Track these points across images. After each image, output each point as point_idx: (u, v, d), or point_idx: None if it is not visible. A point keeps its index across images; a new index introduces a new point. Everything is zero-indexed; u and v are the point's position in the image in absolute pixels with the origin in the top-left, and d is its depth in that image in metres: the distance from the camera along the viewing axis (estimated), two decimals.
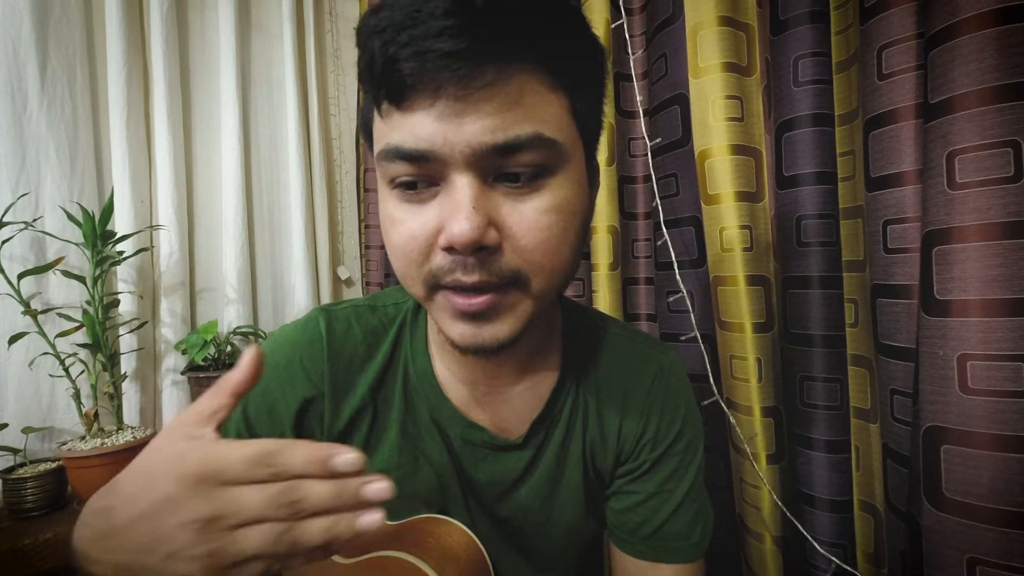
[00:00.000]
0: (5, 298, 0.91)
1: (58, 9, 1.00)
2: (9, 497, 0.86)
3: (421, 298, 0.38)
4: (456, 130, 0.32)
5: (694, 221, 0.75)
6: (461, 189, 0.33)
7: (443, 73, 0.31)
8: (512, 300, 0.36)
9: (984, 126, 0.47)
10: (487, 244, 0.34)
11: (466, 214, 0.33)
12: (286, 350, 0.47)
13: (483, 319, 0.36)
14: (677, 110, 0.75)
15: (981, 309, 0.47)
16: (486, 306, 0.35)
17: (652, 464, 0.49)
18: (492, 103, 0.32)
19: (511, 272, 0.35)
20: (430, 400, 0.48)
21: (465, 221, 0.33)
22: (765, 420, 0.69)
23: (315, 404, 0.47)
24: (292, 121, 1.31)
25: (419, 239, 0.35)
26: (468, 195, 0.33)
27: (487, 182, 0.34)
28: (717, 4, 0.70)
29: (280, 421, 0.47)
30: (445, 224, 0.34)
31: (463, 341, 0.37)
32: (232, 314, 1.21)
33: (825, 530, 0.67)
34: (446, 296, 0.36)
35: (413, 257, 0.36)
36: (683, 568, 0.48)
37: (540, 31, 0.33)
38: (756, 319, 0.70)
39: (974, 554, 0.47)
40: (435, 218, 0.35)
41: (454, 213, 0.33)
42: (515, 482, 0.49)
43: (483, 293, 0.35)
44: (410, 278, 0.37)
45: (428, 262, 0.36)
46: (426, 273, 0.36)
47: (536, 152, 0.34)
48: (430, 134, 0.33)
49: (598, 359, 0.51)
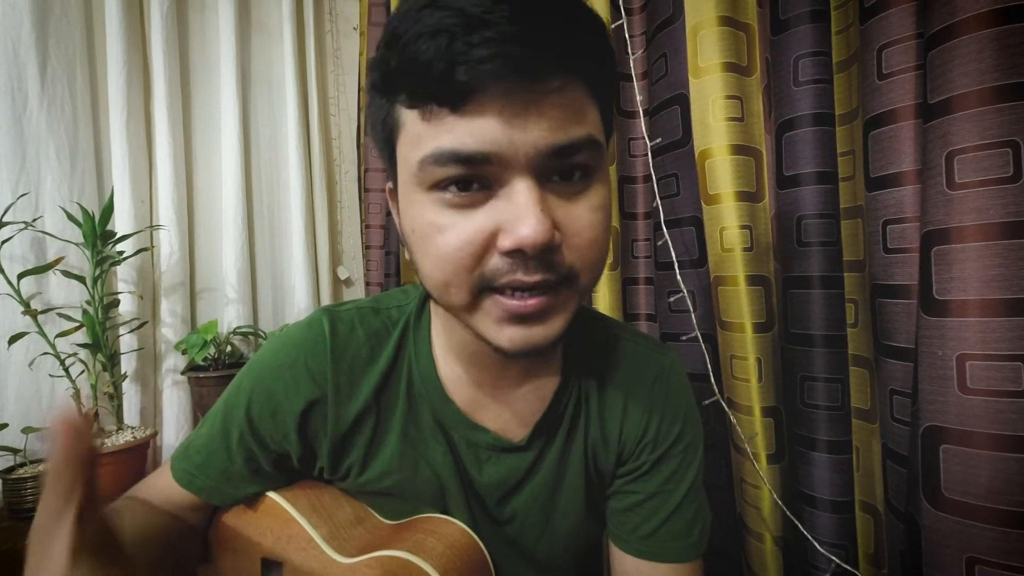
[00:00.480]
0: (5, 298, 0.91)
1: (58, 9, 1.00)
2: (9, 497, 0.86)
3: (463, 306, 0.37)
4: (521, 132, 0.33)
5: (695, 221, 0.75)
6: (524, 192, 0.34)
7: (511, 73, 0.31)
8: (563, 299, 0.37)
9: (983, 126, 0.46)
10: (553, 244, 0.34)
11: (535, 216, 0.33)
12: (290, 350, 0.47)
13: (534, 320, 0.36)
14: (677, 110, 0.75)
15: (980, 309, 0.47)
16: (540, 307, 0.36)
17: (652, 464, 0.50)
18: (553, 108, 0.33)
19: (567, 269, 0.36)
20: (434, 402, 0.48)
21: (536, 223, 0.33)
22: (765, 420, 0.69)
23: (319, 406, 0.47)
24: (292, 121, 1.31)
25: (474, 243, 0.34)
26: (533, 197, 0.33)
27: (543, 184, 0.35)
28: (717, 4, 0.70)
29: (284, 423, 0.47)
30: (506, 227, 0.34)
31: (513, 345, 0.37)
32: (232, 314, 1.21)
33: (826, 530, 0.67)
34: (496, 300, 0.36)
35: (465, 263, 0.35)
36: (682, 567, 0.48)
37: (588, 46, 0.35)
38: (756, 319, 0.70)
39: (973, 554, 0.47)
40: (491, 222, 0.34)
41: (519, 216, 0.33)
42: (517, 484, 0.49)
43: (537, 295, 0.35)
44: (455, 285, 0.36)
45: (480, 266, 0.35)
46: (477, 278, 0.35)
47: (588, 153, 0.35)
48: (495, 136, 0.33)
49: (599, 361, 0.51)
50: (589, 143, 0.35)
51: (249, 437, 0.47)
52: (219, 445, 0.48)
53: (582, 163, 0.35)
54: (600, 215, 0.37)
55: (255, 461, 0.49)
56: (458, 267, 0.35)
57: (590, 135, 0.35)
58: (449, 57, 0.31)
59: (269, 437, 0.48)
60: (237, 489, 0.50)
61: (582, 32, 0.35)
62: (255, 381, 0.48)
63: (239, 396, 0.48)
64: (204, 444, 0.49)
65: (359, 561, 0.44)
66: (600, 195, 0.37)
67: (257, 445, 0.48)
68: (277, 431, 0.47)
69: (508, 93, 0.32)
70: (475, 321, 0.38)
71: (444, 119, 0.33)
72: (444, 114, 0.33)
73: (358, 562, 0.44)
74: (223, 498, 0.50)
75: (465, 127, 0.33)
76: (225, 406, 0.49)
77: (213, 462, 0.49)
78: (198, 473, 0.49)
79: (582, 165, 0.36)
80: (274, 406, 0.47)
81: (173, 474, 0.49)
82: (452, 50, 0.31)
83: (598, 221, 0.37)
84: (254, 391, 0.47)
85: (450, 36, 0.31)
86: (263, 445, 0.48)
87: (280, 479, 0.51)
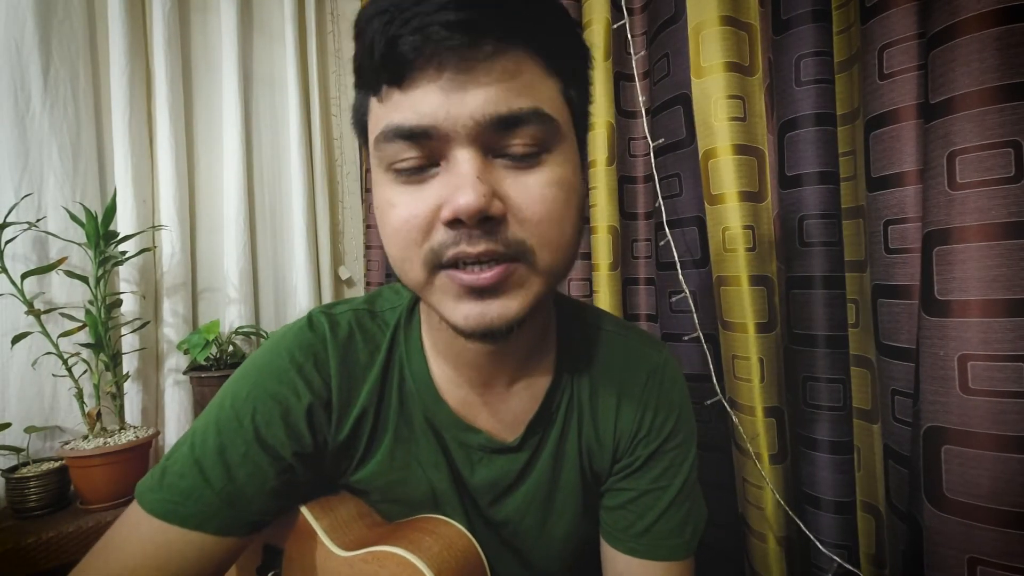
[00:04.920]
0: (8, 298, 0.91)
1: (61, 10, 1.00)
2: (12, 496, 0.86)
3: (420, 283, 0.37)
4: (459, 103, 0.33)
5: (697, 221, 0.75)
6: (464, 163, 0.34)
7: (444, 45, 0.32)
8: (520, 275, 0.36)
9: (985, 126, 0.46)
10: (493, 214, 0.34)
11: (471, 184, 0.33)
12: (294, 352, 0.45)
13: (490, 295, 0.35)
14: (680, 110, 0.75)
15: (982, 309, 0.47)
16: (494, 279, 0.35)
17: (645, 460, 0.49)
18: (492, 76, 0.33)
19: (517, 243, 0.35)
20: (426, 403, 0.47)
21: (471, 190, 0.32)
22: (768, 420, 0.69)
23: (325, 408, 0.45)
24: (294, 121, 1.31)
25: (419, 217, 0.35)
26: (472, 167, 0.33)
27: (488, 158, 0.35)
28: (719, 4, 0.70)
29: (296, 425, 0.44)
30: (448, 198, 0.34)
31: (468, 323, 0.36)
32: (234, 314, 1.21)
33: (829, 531, 0.67)
34: (449, 276, 0.35)
35: (412, 236, 0.35)
36: (674, 566, 0.48)
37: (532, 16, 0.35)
38: (759, 319, 0.70)
39: (975, 554, 0.47)
40: (436, 196, 0.34)
41: (458, 187, 0.33)
42: (511, 485, 0.49)
43: (490, 266, 0.35)
44: (408, 262, 0.36)
45: (428, 240, 0.35)
46: (426, 253, 0.35)
47: (536, 127, 0.35)
48: (433, 109, 0.33)
49: (592, 358, 0.51)
50: (536, 115, 0.34)
51: (255, 448, 0.42)
52: (214, 462, 0.41)
53: (531, 136, 0.35)
54: (555, 191, 0.36)
55: (262, 475, 0.43)
56: (407, 241, 0.36)
57: (536, 108, 0.34)
58: (388, 32, 0.32)
59: (279, 444, 0.43)
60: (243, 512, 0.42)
61: (533, 5, 0.34)
62: (254, 388, 0.44)
63: (238, 405, 0.43)
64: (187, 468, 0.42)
65: (356, 555, 0.44)
66: (557, 172, 0.36)
67: (264, 455, 0.43)
68: (290, 434, 0.43)
69: (441, 64, 0.32)
70: (434, 300, 0.37)
71: (393, 97, 0.34)
72: (393, 93, 0.34)
73: (355, 556, 0.44)
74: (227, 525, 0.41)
75: (408, 103, 0.34)
76: (216, 419, 0.43)
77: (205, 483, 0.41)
78: (184, 498, 0.40)
79: (531, 139, 0.35)
80: (284, 410, 0.43)
81: (147, 508, 0.40)
82: (390, 27, 0.32)
83: (551, 196, 0.36)
84: (256, 398, 0.43)
85: (390, 16, 0.32)
86: (272, 455, 0.43)
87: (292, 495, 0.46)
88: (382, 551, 0.43)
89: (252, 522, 0.43)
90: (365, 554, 0.43)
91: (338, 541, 0.45)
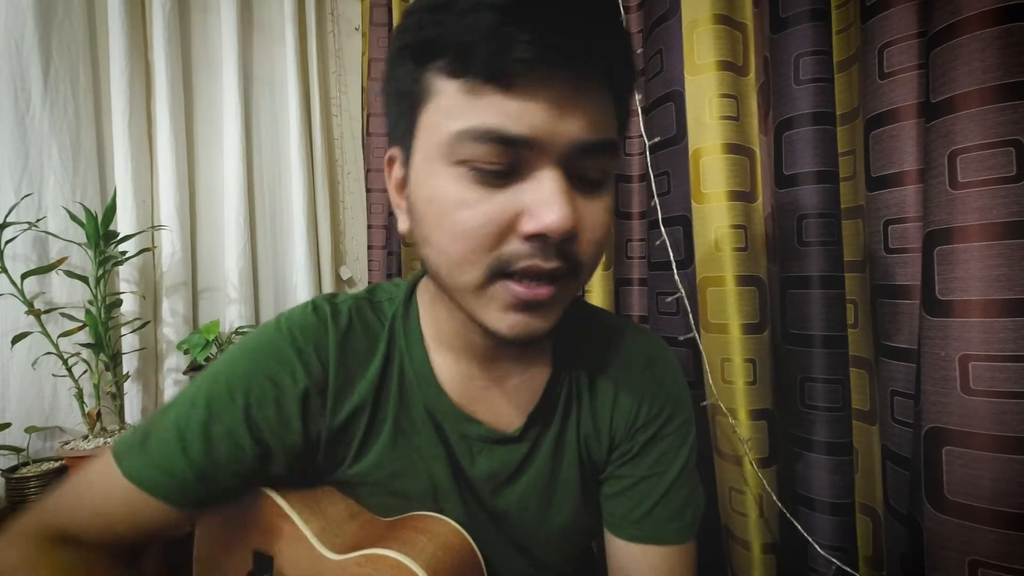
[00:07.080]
0: (8, 298, 0.92)
1: (61, 10, 1.01)
2: (12, 496, 0.87)
3: (472, 287, 0.37)
4: (564, 122, 0.34)
5: (683, 220, 0.75)
6: (553, 179, 0.34)
7: (564, 63, 0.32)
8: (565, 292, 0.38)
9: (986, 125, 0.46)
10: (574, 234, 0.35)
11: (562, 203, 0.34)
12: (295, 332, 0.45)
13: (538, 310, 0.37)
14: (672, 107, 0.75)
15: (983, 309, 0.47)
16: (547, 297, 0.36)
17: (642, 446, 0.50)
18: (590, 102, 0.34)
19: (576, 262, 0.37)
20: (427, 394, 0.47)
21: (560, 210, 0.33)
22: (757, 423, 0.69)
23: (321, 394, 0.45)
24: (294, 121, 1.31)
25: (496, 222, 0.34)
26: (560, 186, 0.34)
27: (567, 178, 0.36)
28: (713, 2, 0.70)
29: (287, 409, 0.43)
30: (531, 211, 0.34)
31: (513, 331, 0.37)
32: (234, 314, 1.21)
33: (825, 533, 0.67)
34: (505, 286, 0.36)
35: (483, 241, 0.35)
36: (674, 549, 0.48)
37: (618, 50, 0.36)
38: (746, 320, 0.69)
39: (976, 556, 0.47)
40: (515, 204, 0.34)
41: (545, 202, 0.34)
42: (511, 476, 0.49)
43: (548, 284, 0.36)
44: (469, 264, 0.36)
45: (499, 248, 0.35)
46: (493, 259, 0.35)
47: (610, 157, 0.37)
48: (541, 122, 0.33)
49: (589, 351, 0.51)
50: (612, 147, 0.37)
51: (242, 426, 0.42)
52: (197, 435, 0.41)
53: (604, 165, 0.37)
54: (608, 217, 0.39)
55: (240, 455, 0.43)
56: (477, 245, 0.35)
57: (613, 139, 0.37)
58: (507, 35, 0.31)
59: (267, 427, 0.43)
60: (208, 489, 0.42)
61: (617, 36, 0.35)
62: (252, 365, 0.43)
63: (232, 381, 0.43)
64: (169, 436, 0.42)
65: (348, 558, 0.43)
66: (610, 199, 0.39)
67: (248, 435, 0.42)
68: (280, 419, 0.43)
69: (557, 83, 0.33)
70: (479, 305, 0.38)
71: (488, 95, 0.33)
72: (489, 91, 0.33)
73: (347, 559, 0.43)
74: (188, 499, 0.42)
75: (511, 108, 0.33)
76: (207, 392, 0.43)
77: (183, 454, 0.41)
78: (160, 469, 0.41)
79: (604, 167, 0.37)
80: (278, 393, 0.43)
81: (125, 471, 0.41)
82: (511, 28, 0.31)
83: (607, 222, 0.38)
84: (253, 376, 0.43)
85: (510, 14, 0.31)
86: (256, 436, 0.43)
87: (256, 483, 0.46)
88: (375, 554, 0.43)
89: (209, 500, 0.43)
90: (358, 557, 0.43)
91: (330, 544, 0.45)
